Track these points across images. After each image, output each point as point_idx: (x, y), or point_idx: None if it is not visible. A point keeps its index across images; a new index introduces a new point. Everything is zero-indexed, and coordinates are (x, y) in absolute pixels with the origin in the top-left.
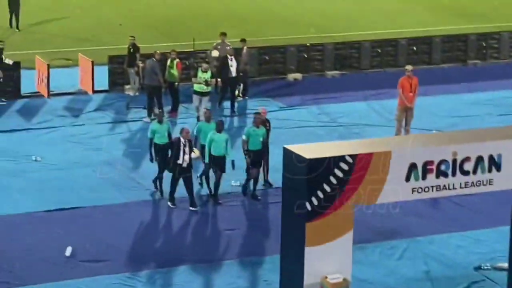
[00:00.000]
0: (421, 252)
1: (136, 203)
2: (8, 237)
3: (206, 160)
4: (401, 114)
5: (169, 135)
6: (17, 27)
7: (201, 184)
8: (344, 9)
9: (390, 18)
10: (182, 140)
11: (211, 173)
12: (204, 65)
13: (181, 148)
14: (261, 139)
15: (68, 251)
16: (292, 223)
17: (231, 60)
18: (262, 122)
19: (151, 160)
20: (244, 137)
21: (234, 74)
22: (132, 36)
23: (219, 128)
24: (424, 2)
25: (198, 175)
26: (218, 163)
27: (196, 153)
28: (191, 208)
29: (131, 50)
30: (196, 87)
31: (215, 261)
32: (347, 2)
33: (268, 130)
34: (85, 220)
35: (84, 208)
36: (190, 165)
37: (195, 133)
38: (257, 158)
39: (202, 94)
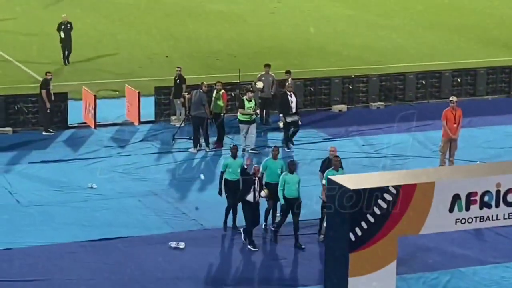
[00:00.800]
0: (464, 283)
1: (180, 233)
2: (53, 266)
3: (282, 202)
4: (445, 146)
5: (242, 170)
6: (68, 61)
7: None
8: (389, 40)
9: (434, 49)
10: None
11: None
12: (249, 94)
13: (252, 185)
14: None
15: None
16: (336, 253)
17: (291, 96)
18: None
19: (220, 194)
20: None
21: (294, 110)
22: (178, 67)
23: (292, 169)
24: (468, 33)
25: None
26: (290, 205)
27: (266, 191)
28: (251, 248)
29: (178, 81)
30: (242, 117)
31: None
32: (391, 34)
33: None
34: (130, 250)
35: (129, 238)
36: (258, 203)
37: (261, 170)
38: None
39: (249, 123)
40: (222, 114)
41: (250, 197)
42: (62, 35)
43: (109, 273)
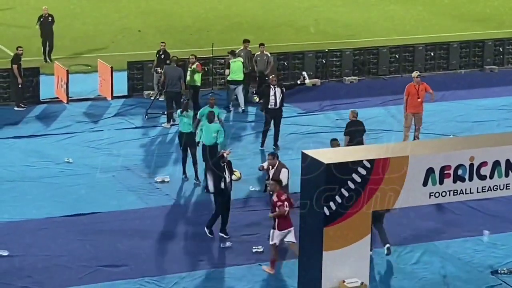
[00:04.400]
0: (438, 256)
1: (155, 209)
2: (27, 242)
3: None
4: (408, 120)
5: (216, 160)
6: (50, 58)
7: None
8: (361, 16)
9: (407, 24)
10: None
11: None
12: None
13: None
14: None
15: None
16: (310, 228)
17: (273, 89)
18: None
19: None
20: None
21: (277, 105)
22: (163, 42)
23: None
24: (441, 8)
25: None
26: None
27: (237, 175)
28: (223, 235)
29: (162, 56)
30: (230, 77)
31: (232, 266)
32: (363, 9)
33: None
34: (103, 225)
35: (103, 214)
36: (229, 189)
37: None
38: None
39: (238, 83)
40: (198, 86)
41: (222, 185)
42: (40, 28)
43: (83, 249)
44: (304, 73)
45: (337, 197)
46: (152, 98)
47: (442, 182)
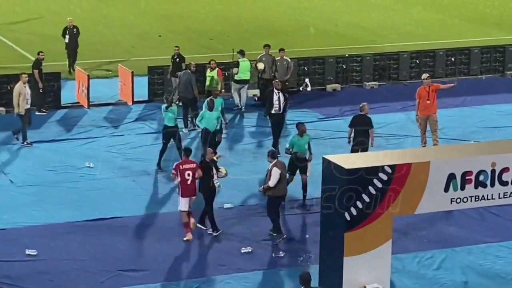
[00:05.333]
0: (459, 262)
1: (175, 213)
2: (48, 246)
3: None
4: (423, 123)
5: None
6: (73, 69)
7: None
8: (382, 21)
9: (428, 29)
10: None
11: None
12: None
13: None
14: (306, 146)
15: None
16: (331, 233)
17: (277, 94)
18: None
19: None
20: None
21: (280, 110)
22: (176, 47)
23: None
24: (461, 13)
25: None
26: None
27: (223, 172)
28: (213, 233)
29: (177, 59)
30: (237, 76)
31: (253, 271)
32: (384, 14)
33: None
34: (124, 230)
35: (123, 218)
36: (215, 187)
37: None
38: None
39: (245, 82)
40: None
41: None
42: (67, 40)
43: (103, 253)
44: (306, 80)
45: (358, 202)
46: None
47: (463, 188)
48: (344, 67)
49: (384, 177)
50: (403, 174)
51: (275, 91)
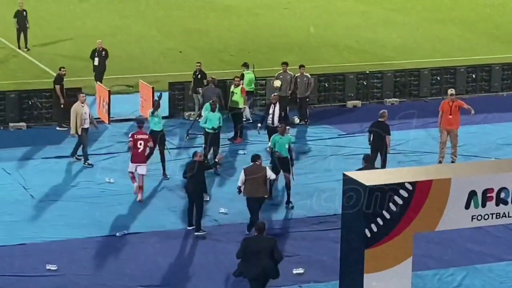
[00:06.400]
0: (480, 280)
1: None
2: (68, 261)
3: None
4: (443, 136)
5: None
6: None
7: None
8: (403, 37)
9: (449, 45)
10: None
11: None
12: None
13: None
14: (286, 146)
15: None
16: (351, 250)
17: (273, 108)
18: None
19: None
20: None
21: (274, 123)
22: (198, 63)
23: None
24: (483, 29)
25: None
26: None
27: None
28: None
29: (198, 76)
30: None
31: (275, 287)
32: (405, 30)
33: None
34: (144, 245)
35: (143, 233)
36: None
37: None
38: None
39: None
40: (241, 108)
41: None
42: (96, 62)
43: (123, 268)
44: (275, 81)
45: (378, 219)
46: (192, 118)
47: (484, 205)
48: (365, 83)
49: (405, 194)
50: (424, 191)
51: (272, 104)
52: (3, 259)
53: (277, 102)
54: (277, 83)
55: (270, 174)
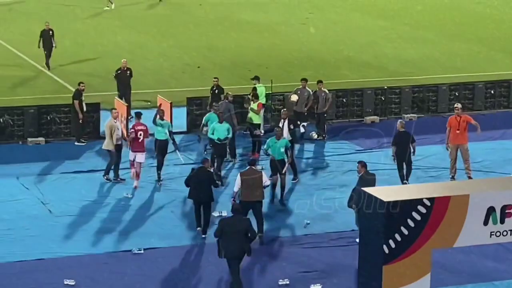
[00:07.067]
0: None
1: (214, 244)
2: (86, 277)
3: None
4: (453, 152)
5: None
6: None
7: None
8: (421, 53)
9: (467, 61)
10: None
11: None
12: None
13: None
14: (282, 149)
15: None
16: (369, 266)
17: (282, 122)
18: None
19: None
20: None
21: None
22: (215, 78)
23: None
24: (501, 46)
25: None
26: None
27: None
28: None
29: (216, 91)
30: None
31: None
32: (423, 46)
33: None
34: (162, 261)
35: (161, 249)
36: None
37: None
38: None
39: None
40: (257, 124)
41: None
42: (118, 80)
43: (141, 283)
44: (291, 96)
45: (396, 235)
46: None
47: (503, 221)
48: (383, 99)
49: (423, 210)
50: (442, 207)
51: (281, 119)
52: (21, 274)
53: (287, 118)
54: (294, 97)
55: (266, 180)
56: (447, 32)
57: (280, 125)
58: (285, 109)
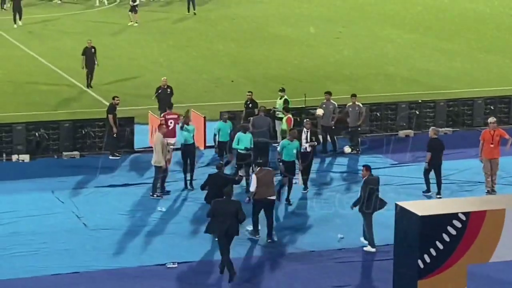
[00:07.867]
0: None
1: (249, 258)
2: None
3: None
4: (486, 166)
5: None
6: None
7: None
8: (456, 66)
9: (503, 75)
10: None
11: None
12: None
13: None
14: (294, 151)
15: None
16: (404, 281)
17: (305, 133)
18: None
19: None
20: (278, 148)
21: (307, 149)
22: (249, 92)
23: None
24: None
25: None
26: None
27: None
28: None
29: (250, 105)
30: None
31: None
32: (458, 59)
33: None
34: (194, 275)
35: (197, 262)
36: None
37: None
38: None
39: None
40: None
41: None
42: (159, 98)
43: None
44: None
45: (431, 250)
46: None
47: None
48: (417, 112)
49: (458, 225)
50: (477, 221)
51: (304, 130)
52: (56, 287)
53: (310, 129)
54: (319, 111)
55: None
56: (479, 46)
57: (304, 136)
58: (308, 119)
